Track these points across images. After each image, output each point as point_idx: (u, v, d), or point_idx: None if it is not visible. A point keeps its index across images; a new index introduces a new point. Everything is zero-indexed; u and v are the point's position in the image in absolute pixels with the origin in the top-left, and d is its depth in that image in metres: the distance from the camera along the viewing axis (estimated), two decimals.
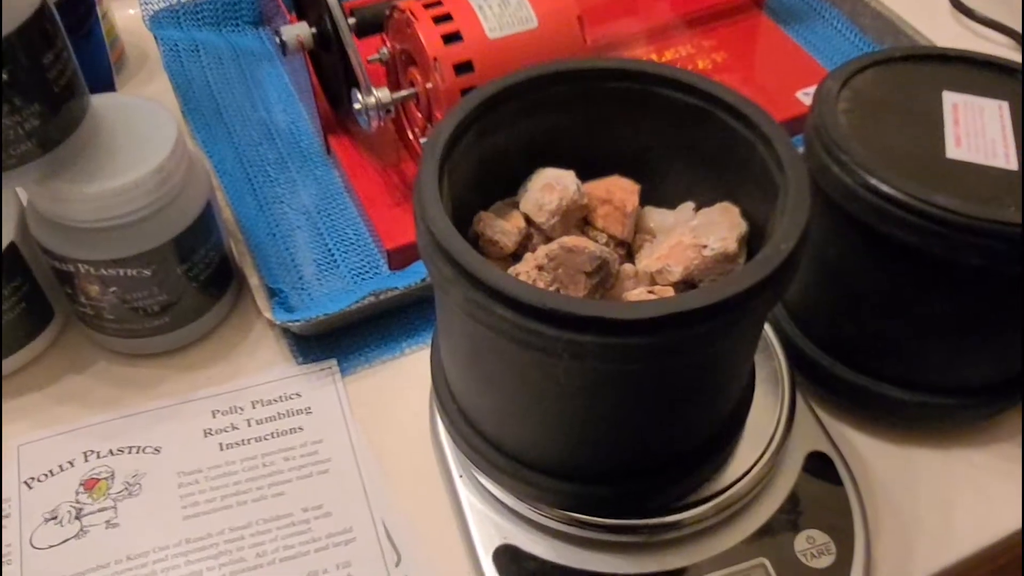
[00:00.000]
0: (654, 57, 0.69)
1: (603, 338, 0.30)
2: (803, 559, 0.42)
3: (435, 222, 0.33)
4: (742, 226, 0.39)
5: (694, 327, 0.31)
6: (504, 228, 0.40)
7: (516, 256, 0.41)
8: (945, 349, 0.46)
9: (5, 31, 0.40)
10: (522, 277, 0.38)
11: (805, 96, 0.65)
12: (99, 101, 0.48)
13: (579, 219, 0.42)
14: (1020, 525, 0.46)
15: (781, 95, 0.65)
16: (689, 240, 0.39)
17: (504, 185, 0.42)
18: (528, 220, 0.41)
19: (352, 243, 0.58)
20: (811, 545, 0.42)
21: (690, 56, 0.69)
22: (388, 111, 0.54)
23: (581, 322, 0.30)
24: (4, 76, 0.40)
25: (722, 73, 0.68)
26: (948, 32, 0.76)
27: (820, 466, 0.45)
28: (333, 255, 0.57)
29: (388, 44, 0.58)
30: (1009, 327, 0.45)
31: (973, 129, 0.45)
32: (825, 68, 0.68)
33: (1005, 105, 0.46)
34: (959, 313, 0.44)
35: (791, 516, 0.43)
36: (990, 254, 0.40)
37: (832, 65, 0.69)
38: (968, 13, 0.76)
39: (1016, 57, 0.73)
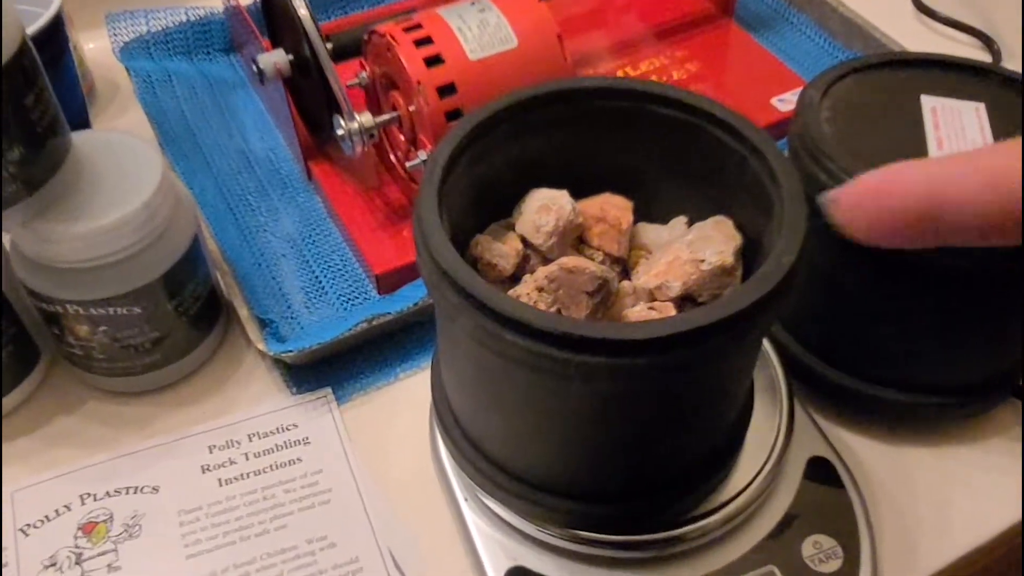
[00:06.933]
0: (629, 70, 0.69)
1: (614, 359, 0.31)
2: (811, 564, 0.42)
3: (440, 252, 0.33)
4: (737, 239, 0.39)
5: (704, 344, 0.31)
6: (502, 251, 0.40)
7: (513, 277, 0.41)
8: (936, 350, 0.46)
9: None
10: (523, 299, 0.38)
11: (780, 103, 0.66)
12: (79, 138, 0.48)
13: (574, 238, 0.42)
14: (1017, 519, 0.47)
15: (756, 103, 0.66)
16: (686, 255, 0.39)
17: (494, 206, 0.42)
18: (525, 242, 0.41)
19: (339, 269, 0.58)
20: (818, 550, 0.43)
21: (664, 67, 0.69)
22: (372, 136, 0.54)
23: (593, 344, 0.30)
24: None
25: (697, 83, 0.68)
26: (912, 33, 0.77)
27: (821, 471, 0.46)
28: (321, 282, 0.57)
29: (367, 68, 0.58)
30: (997, 326, 0.45)
31: (953, 131, 0.45)
32: (796, 74, 0.69)
33: (982, 107, 0.47)
34: (948, 314, 0.45)
35: (796, 522, 0.44)
36: (975, 256, 0.41)
37: (804, 71, 0.70)
38: (931, 14, 0.78)
39: (979, 55, 0.74)
